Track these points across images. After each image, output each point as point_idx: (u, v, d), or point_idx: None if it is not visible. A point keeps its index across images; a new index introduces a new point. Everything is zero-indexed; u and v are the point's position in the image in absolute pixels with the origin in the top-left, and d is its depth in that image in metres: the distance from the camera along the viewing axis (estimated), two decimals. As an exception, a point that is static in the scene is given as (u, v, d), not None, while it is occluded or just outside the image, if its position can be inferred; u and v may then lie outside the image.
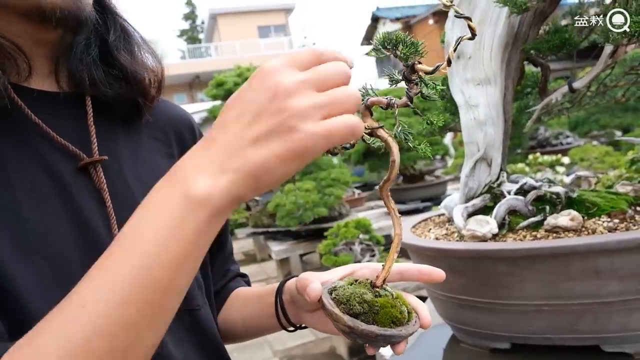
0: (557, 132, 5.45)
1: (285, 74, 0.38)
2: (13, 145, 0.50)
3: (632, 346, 0.77)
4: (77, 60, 0.56)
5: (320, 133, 0.37)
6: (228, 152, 0.38)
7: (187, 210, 0.38)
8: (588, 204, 0.86)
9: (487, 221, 0.87)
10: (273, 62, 0.40)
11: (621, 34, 0.70)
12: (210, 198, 0.38)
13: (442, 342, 1.00)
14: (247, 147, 0.38)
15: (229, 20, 25.50)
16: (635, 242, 0.70)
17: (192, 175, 0.39)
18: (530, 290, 0.78)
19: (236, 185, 0.38)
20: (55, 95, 0.56)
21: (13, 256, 0.46)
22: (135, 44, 0.63)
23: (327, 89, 0.39)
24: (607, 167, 3.19)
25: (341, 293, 0.49)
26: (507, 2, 0.80)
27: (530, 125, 1.02)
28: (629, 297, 0.73)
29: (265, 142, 0.38)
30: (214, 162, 0.39)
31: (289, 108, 0.37)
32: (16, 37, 0.51)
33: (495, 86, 0.92)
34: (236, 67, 4.59)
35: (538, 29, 0.92)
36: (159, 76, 0.65)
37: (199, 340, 0.61)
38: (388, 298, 0.50)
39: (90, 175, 0.54)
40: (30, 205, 0.48)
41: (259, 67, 0.41)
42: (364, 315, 0.47)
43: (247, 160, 0.38)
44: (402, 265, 0.56)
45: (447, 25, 0.95)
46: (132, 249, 0.38)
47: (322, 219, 3.80)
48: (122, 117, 0.61)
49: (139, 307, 0.37)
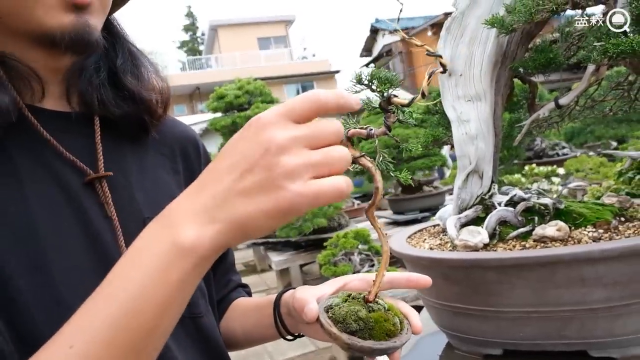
0: (553, 143, 5.51)
1: (279, 129, 0.39)
2: (28, 160, 0.54)
3: (618, 351, 0.80)
4: (87, 82, 0.60)
5: (308, 194, 0.38)
6: (217, 202, 0.39)
7: (173, 257, 0.39)
8: (575, 214, 0.89)
9: (479, 231, 0.90)
10: (269, 112, 0.40)
11: (601, 55, 0.74)
12: (197, 247, 0.39)
13: (437, 349, 1.03)
14: (236, 199, 0.39)
15: (229, 32, 25.72)
16: (617, 251, 0.73)
17: (181, 222, 0.40)
18: (520, 297, 0.81)
19: (222, 234, 0.39)
20: (67, 114, 0.60)
21: (24, 269, 0.48)
22: (142, 67, 0.67)
23: (319, 147, 0.39)
24: (601, 178, 3.23)
25: (337, 312, 0.53)
26: (495, 24, 0.85)
27: (520, 139, 1.06)
28: (613, 304, 0.76)
29: (253, 196, 0.38)
30: (202, 211, 0.39)
31: (279, 165, 0.38)
32: (31, 63, 0.55)
33: (485, 102, 0.96)
34: (236, 80, 4.65)
35: (525, 48, 0.96)
36: (166, 96, 0.68)
37: (202, 347, 0.64)
38: (381, 312, 0.54)
39: (96, 190, 0.57)
40: (43, 218, 0.52)
41: (256, 116, 0.41)
42: (360, 331, 0.51)
43: (234, 212, 0.39)
44: (391, 274, 0.60)
45: (439, 44, 0.99)
46: (118, 292, 0.39)
47: (321, 229, 3.84)
48: (130, 135, 0.65)
49: (124, 349, 0.38)
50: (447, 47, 0.98)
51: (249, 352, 3.60)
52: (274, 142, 0.38)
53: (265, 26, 26.42)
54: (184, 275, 0.39)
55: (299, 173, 0.38)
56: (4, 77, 0.52)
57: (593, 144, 6.45)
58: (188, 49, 34.90)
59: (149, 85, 0.66)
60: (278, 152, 0.38)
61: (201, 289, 0.68)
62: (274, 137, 0.38)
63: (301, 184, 0.38)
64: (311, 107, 0.40)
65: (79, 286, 0.50)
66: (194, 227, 0.39)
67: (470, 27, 0.96)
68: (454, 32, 0.98)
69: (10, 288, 0.47)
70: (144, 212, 0.60)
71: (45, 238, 0.51)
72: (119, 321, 0.38)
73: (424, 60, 19.87)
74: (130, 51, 0.66)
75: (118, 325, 0.38)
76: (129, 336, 0.38)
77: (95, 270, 0.53)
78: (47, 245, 0.51)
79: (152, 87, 0.66)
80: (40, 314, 0.48)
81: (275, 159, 0.38)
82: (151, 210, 0.61)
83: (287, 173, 0.38)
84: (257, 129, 0.39)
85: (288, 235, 3.69)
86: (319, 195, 0.38)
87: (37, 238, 0.50)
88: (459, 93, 0.99)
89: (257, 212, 0.38)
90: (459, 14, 0.96)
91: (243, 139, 0.40)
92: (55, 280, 0.50)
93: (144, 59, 0.68)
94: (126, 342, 0.38)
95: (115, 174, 0.60)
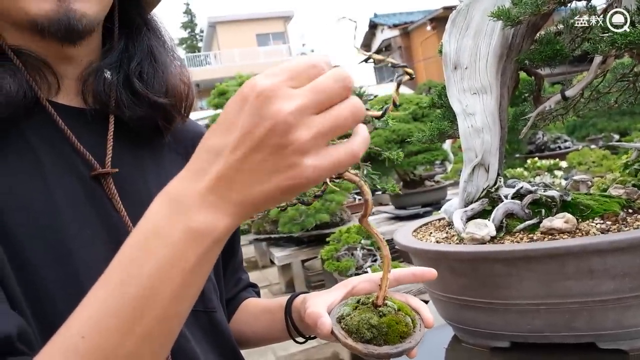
0: (555, 137, 5.50)
1: (282, 100, 0.35)
2: (48, 152, 0.54)
3: (627, 343, 0.80)
4: (102, 83, 0.60)
5: (325, 167, 0.36)
6: (227, 183, 0.37)
7: (188, 244, 0.38)
8: (582, 206, 0.89)
9: (486, 224, 0.90)
10: (266, 79, 0.36)
11: (609, 46, 0.74)
12: (211, 231, 0.38)
13: (444, 342, 1.03)
14: (248, 180, 0.37)
15: (228, 28, 25.66)
16: (625, 243, 0.73)
17: (193, 207, 0.38)
18: (528, 290, 0.81)
19: (237, 216, 0.38)
20: (82, 111, 0.60)
21: (49, 260, 0.49)
22: (164, 70, 0.64)
23: (329, 106, 0.36)
24: (604, 171, 3.23)
25: (349, 322, 0.54)
26: (501, 16, 0.84)
27: (526, 132, 1.06)
28: (623, 296, 0.76)
29: (267, 177, 0.36)
30: (212, 194, 0.37)
31: (290, 143, 0.35)
32: (43, 56, 0.55)
33: (491, 95, 0.96)
34: (238, 76, 4.65)
35: (531, 40, 0.96)
36: (189, 101, 0.66)
37: (216, 342, 0.65)
38: (392, 315, 0.55)
39: (102, 185, 0.58)
40: (65, 208, 0.52)
41: (251, 81, 0.36)
42: (375, 339, 0.52)
43: (249, 194, 0.37)
44: (397, 271, 0.61)
45: (445, 37, 0.99)
46: (131, 281, 0.38)
47: (323, 225, 3.84)
48: (146, 136, 0.65)
49: (140, 337, 0.38)
50: (453, 40, 0.98)
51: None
52: (280, 118, 0.34)
53: (264, 22, 26.36)
54: (199, 259, 0.38)
55: (312, 146, 0.35)
56: (21, 66, 0.52)
57: (595, 137, 6.45)
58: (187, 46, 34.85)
59: (168, 89, 0.64)
60: (286, 130, 0.35)
61: (214, 284, 0.68)
62: (279, 112, 0.35)
63: (316, 157, 0.36)
64: (307, 68, 0.37)
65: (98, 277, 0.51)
66: (207, 212, 0.37)
67: (476, 20, 0.95)
68: (459, 25, 0.98)
69: (37, 279, 0.48)
70: None
71: (67, 228, 0.51)
72: (134, 311, 0.37)
73: (423, 55, 19.82)
74: (151, 53, 0.64)
75: (133, 315, 0.37)
76: (144, 325, 0.37)
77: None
78: (69, 236, 0.51)
79: (172, 92, 0.64)
80: (63, 304, 0.48)
81: (285, 138, 0.35)
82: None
83: (299, 149, 0.35)
84: (257, 101, 0.35)
85: (290, 230, 3.70)
86: (335, 165, 0.36)
87: (60, 228, 0.51)
88: (464, 86, 0.98)
89: (272, 191, 0.36)
90: (464, 7, 0.96)
91: (242, 112, 0.36)
92: (78, 271, 0.50)
93: (171, 61, 0.66)
94: (141, 331, 0.37)
95: (131, 171, 0.60)
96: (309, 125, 0.35)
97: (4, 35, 0.54)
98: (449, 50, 0.99)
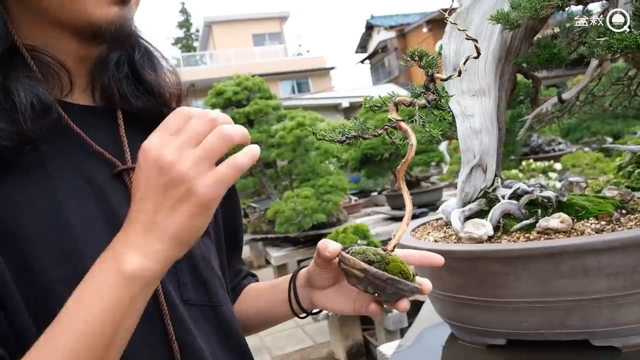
0: (549, 139, 5.54)
1: (162, 147, 0.44)
2: (55, 153, 0.55)
3: (620, 340, 0.82)
4: (109, 76, 0.62)
5: (214, 183, 0.43)
6: (147, 227, 0.44)
7: (122, 285, 0.43)
8: (577, 207, 0.91)
9: (483, 224, 0.92)
10: (148, 139, 0.45)
11: (605, 49, 0.75)
12: (143, 270, 0.44)
13: (441, 339, 1.05)
14: (161, 218, 0.44)
15: (224, 28, 25.60)
16: (619, 242, 0.75)
17: (123, 254, 0.44)
18: (524, 288, 0.83)
19: (163, 252, 0.44)
20: (92, 108, 0.61)
21: (57, 260, 0.50)
22: (157, 62, 0.69)
23: (202, 140, 0.44)
24: (598, 173, 3.27)
25: (357, 249, 0.59)
26: (500, 19, 0.86)
27: (522, 134, 1.08)
28: (616, 294, 0.78)
29: (174, 210, 0.43)
30: (139, 239, 0.44)
31: (178, 176, 0.43)
32: (62, 56, 0.56)
33: (489, 97, 0.97)
34: (235, 76, 4.65)
35: (529, 44, 0.98)
36: (179, 90, 0.70)
37: (222, 335, 0.66)
38: (398, 259, 0.59)
39: (124, 181, 0.59)
40: (72, 210, 0.53)
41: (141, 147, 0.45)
42: (377, 263, 0.56)
43: (166, 229, 0.44)
44: (406, 251, 0.64)
45: (444, 39, 1.01)
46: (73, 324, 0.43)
47: (320, 225, 3.85)
48: (149, 128, 0.66)
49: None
50: (452, 42, 0.99)
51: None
52: (163, 160, 0.43)
53: (260, 22, 26.31)
54: (133, 299, 0.44)
55: (197, 172, 0.43)
56: (38, 74, 0.53)
57: (589, 140, 6.51)
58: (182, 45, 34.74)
59: (164, 79, 0.68)
60: (170, 167, 0.43)
61: (219, 278, 0.69)
62: (161, 156, 0.43)
63: (203, 179, 0.43)
64: (181, 121, 0.45)
65: None
66: (135, 254, 0.44)
67: (475, 23, 0.97)
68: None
69: (46, 279, 0.49)
70: None
71: (74, 229, 0.52)
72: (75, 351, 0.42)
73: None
74: (145, 47, 0.68)
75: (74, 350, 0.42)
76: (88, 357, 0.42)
77: None
78: (77, 236, 0.52)
79: (166, 81, 0.68)
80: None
81: (171, 173, 0.43)
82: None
83: (187, 177, 0.43)
84: (145, 157, 0.44)
85: (287, 230, 3.70)
86: (223, 178, 0.43)
87: (67, 229, 0.52)
88: (463, 88, 1.00)
89: (183, 219, 0.43)
90: (464, 10, 0.97)
91: (139, 168, 0.45)
92: (85, 271, 0.51)
93: (158, 54, 0.70)
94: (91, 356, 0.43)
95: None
96: (187, 157, 0.43)
97: (19, 34, 0.54)
98: (448, 52, 1.01)
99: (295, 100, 15.93)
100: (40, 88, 0.52)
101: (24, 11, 0.54)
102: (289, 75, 23.48)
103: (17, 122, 0.49)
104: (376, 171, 4.46)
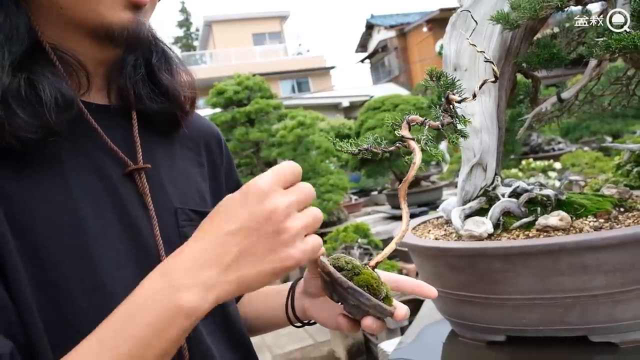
0: (549, 139, 5.56)
1: (279, 196, 0.45)
2: (70, 150, 0.56)
3: (617, 336, 0.83)
4: (126, 78, 0.63)
5: (308, 250, 0.46)
6: (224, 266, 0.44)
7: (175, 317, 0.43)
8: (576, 205, 0.92)
9: (483, 222, 0.93)
10: (264, 179, 0.46)
11: (603, 50, 0.76)
12: (198, 310, 0.44)
13: (441, 336, 1.06)
14: (244, 262, 0.44)
15: (224, 27, 25.56)
16: (617, 240, 0.76)
17: (185, 285, 0.43)
18: (524, 285, 0.84)
19: (225, 294, 0.45)
20: (107, 107, 0.62)
21: (68, 257, 0.50)
22: (174, 64, 0.70)
23: (304, 207, 0.47)
24: (597, 172, 3.28)
25: (337, 256, 0.59)
26: (500, 20, 0.87)
27: (522, 133, 1.09)
28: (614, 290, 0.79)
29: (263, 259, 0.44)
30: (211, 278, 0.43)
31: (285, 230, 0.44)
32: (81, 55, 0.57)
33: (489, 96, 0.98)
34: (236, 75, 4.65)
35: (529, 43, 0.99)
36: (194, 92, 0.71)
37: (229, 335, 0.66)
38: (374, 274, 0.57)
39: (134, 181, 0.59)
40: (86, 207, 0.53)
41: (252, 183, 0.46)
42: (346, 271, 0.55)
43: (243, 275, 0.44)
44: (401, 277, 0.63)
45: (445, 40, 1.02)
46: (120, 344, 0.42)
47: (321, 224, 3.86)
48: (162, 129, 0.67)
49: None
50: (453, 42, 1.01)
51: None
52: (279, 210, 0.44)
53: (260, 22, 26.28)
54: (183, 332, 0.44)
55: (299, 233, 0.45)
56: (62, 70, 0.54)
57: (588, 139, 6.52)
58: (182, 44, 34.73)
59: (179, 82, 0.68)
60: (282, 220, 0.44)
61: None
62: (278, 205, 0.44)
63: (302, 243, 0.46)
64: (293, 177, 0.47)
65: (118, 274, 0.52)
66: (198, 291, 0.43)
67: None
68: (459, 28, 1.00)
69: (57, 275, 0.49)
70: (175, 202, 0.63)
71: (87, 226, 0.52)
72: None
73: (419, 56, 19.89)
74: (162, 49, 0.68)
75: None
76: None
77: (133, 258, 0.55)
78: (89, 233, 0.52)
79: (182, 84, 0.68)
80: (82, 300, 0.50)
81: (283, 224, 0.44)
82: (181, 201, 0.64)
83: (292, 235, 0.45)
84: (258, 197, 0.45)
85: (287, 229, 3.71)
86: (313, 250, 0.47)
87: (80, 226, 0.52)
88: (463, 87, 1.01)
89: (267, 271, 0.44)
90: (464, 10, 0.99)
91: (245, 206, 0.45)
92: (97, 268, 0.52)
93: (174, 56, 0.71)
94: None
95: (150, 166, 0.62)
96: (297, 217, 0.46)
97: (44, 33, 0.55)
98: (449, 52, 1.02)
99: (296, 100, 15.93)
100: (63, 84, 0.53)
101: (45, 11, 0.54)
102: (289, 74, 23.47)
103: (42, 115, 0.50)
104: (376, 170, 4.48)
